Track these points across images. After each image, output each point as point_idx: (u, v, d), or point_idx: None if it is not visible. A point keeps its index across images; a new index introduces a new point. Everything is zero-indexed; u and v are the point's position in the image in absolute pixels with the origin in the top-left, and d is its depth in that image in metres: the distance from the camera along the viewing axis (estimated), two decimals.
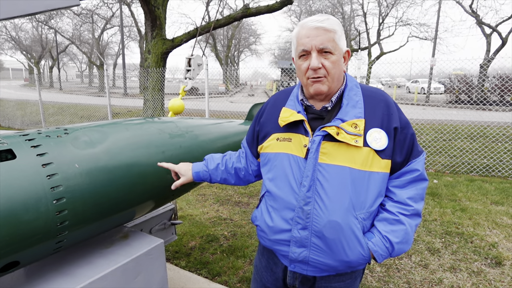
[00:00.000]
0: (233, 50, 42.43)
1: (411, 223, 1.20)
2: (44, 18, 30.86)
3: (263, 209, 1.32)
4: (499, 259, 3.03)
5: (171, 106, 2.93)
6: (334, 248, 1.17)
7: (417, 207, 1.20)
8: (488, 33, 18.82)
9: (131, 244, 1.76)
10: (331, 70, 1.17)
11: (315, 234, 1.17)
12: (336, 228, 1.15)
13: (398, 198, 1.20)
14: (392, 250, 1.19)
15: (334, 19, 1.17)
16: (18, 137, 1.37)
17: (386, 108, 1.20)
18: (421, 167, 1.21)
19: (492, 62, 12.26)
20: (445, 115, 12.10)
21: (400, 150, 1.19)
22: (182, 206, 4.44)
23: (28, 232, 1.22)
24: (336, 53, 1.16)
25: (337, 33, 1.16)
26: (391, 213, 1.19)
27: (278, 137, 1.27)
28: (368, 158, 1.14)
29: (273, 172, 1.27)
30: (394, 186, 1.22)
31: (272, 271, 1.38)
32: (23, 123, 12.64)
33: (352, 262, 1.19)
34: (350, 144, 1.14)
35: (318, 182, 1.16)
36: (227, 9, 28.98)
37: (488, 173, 5.88)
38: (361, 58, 7.36)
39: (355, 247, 1.17)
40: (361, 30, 27.71)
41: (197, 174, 1.53)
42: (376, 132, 1.16)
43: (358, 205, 1.16)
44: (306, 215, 1.17)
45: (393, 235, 1.18)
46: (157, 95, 8.10)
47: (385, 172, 1.18)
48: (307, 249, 1.20)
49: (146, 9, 7.74)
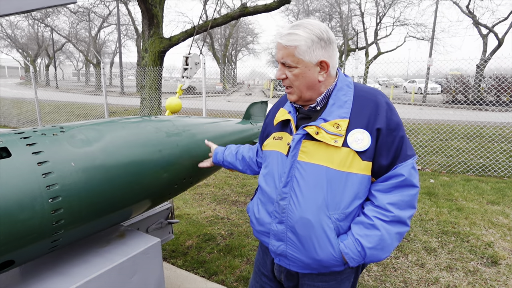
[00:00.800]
0: (231, 49, 42.39)
1: (389, 230, 1.15)
2: (41, 16, 30.64)
3: (254, 201, 1.41)
4: (495, 259, 3.04)
5: (168, 105, 2.92)
6: (306, 245, 1.19)
7: (399, 214, 1.15)
8: (485, 33, 18.93)
9: (127, 243, 1.75)
10: (293, 82, 1.20)
11: (290, 229, 1.22)
12: (307, 225, 1.17)
13: (379, 203, 1.17)
14: (365, 255, 1.15)
15: (299, 33, 1.14)
16: (13, 135, 1.36)
17: (374, 109, 1.17)
18: (407, 172, 1.16)
19: (489, 62, 12.32)
20: (441, 115, 12.15)
21: (386, 153, 1.15)
22: (179, 205, 4.42)
23: (23, 231, 1.20)
24: (299, 66, 1.17)
25: (299, 48, 1.14)
26: (368, 217, 1.17)
27: (274, 136, 1.36)
28: (347, 158, 1.14)
29: (266, 168, 1.35)
30: (377, 190, 1.19)
31: (265, 262, 1.45)
32: (19, 122, 12.57)
33: (323, 261, 1.18)
34: (329, 144, 1.15)
35: (294, 179, 1.20)
36: (224, 8, 28.93)
37: (484, 173, 5.91)
38: (358, 57, 7.36)
39: (325, 246, 1.17)
40: (359, 29, 27.75)
41: (215, 155, 1.76)
42: (359, 133, 1.14)
43: (333, 205, 1.16)
44: (282, 209, 1.23)
45: (366, 239, 1.14)
46: (154, 94, 8.07)
47: (365, 174, 1.16)
48: (284, 243, 1.24)
49: (143, 8, 7.71)
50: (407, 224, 1.18)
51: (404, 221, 1.17)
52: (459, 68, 7.96)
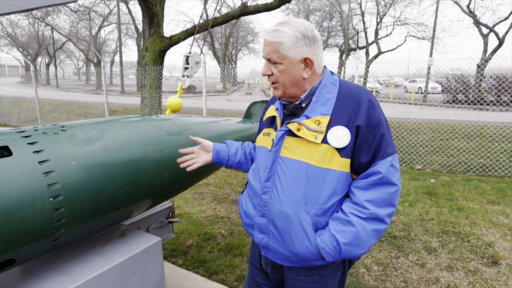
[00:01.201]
0: (231, 49, 42.37)
1: (365, 227, 1.15)
2: (41, 14, 30.64)
3: (244, 194, 1.44)
4: (496, 258, 3.04)
5: (169, 104, 2.92)
6: (285, 238, 1.23)
7: (376, 212, 1.15)
8: (485, 33, 18.90)
9: (128, 242, 1.75)
10: (278, 78, 1.23)
11: (271, 222, 1.26)
12: (286, 219, 1.21)
13: (356, 200, 1.18)
14: (340, 250, 1.17)
15: (284, 29, 1.17)
16: (14, 134, 1.36)
17: (356, 106, 1.18)
18: (385, 170, 1.16)
19: (489, 62, 12.31)
20: (442, 114, 12.14)
21: (366, 150, 1.16)
22: (179, 204, 4.42)
23: (24, 230, 1.20)
24: (284, 62, 1.20)
25: (284, 44, 1.17)
26: (344, 213, 1.18)
27: (264, 132, 1.40)
28: (327, 155, 1.16)
29: (255, 163, 1.40)
30: (355, 187, 1.20)
31: (255, 254, 1.49)
32: (19, 120, 12.57)
33: (301, 254, 1.22)
34: (310, 141, 1.18)
35: (276, 174, 1.25)
36: (225, 7, 28.91)
37: (484, 173, 5.91)
38: (359, 57, 7.36)
39: (303, 240, 1.20)
40: (359, 29, 27.74)
41: (217, 153, 1.56)
42: (338, 130, 1.16)
43: (311, 200, 1.19)
44: (264, 203, 1.27)
45: (341, 235, 1.16)
46: (154, 93, 8.06)
47: (343, 171, 1.18)
48: (267, 236, 1.28)
49: (144, 7, 7.70)
50: (385, 222, 1.18)
51: (382, 219, 1.17)
52: (460, 67, 7.96)
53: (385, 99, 20.48)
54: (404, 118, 9.79)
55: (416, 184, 5.28)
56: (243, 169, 1.61)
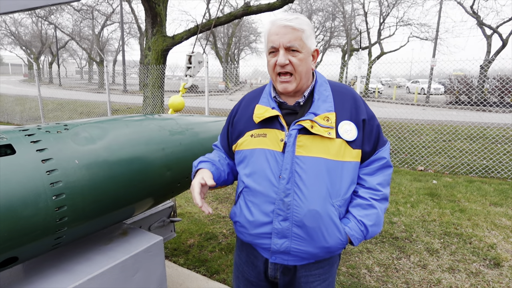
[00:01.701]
0: (233, 48, 42.35)
1: (381, 207, 1.29)
2: (44, 13, 30.73)
3: (242, 205, 1.32)
4: (498, 260, 3.03)
5: (171, 103, 2.92)
6: (314, 235, 1.22)
7: (385, 192, 1.30)
8: (489, 34, 18.82)
9: (130, 241, 1.75)
10: (297, 67, 1.21)
11: (296, 224, 1.22)
12: (316, 216, 1.21)
13: (369, 185, 1.29)
14: (367, 232, 1.27)
15: (304, 18, 1.22)
16: (17, 132, 1.36)
17: (353, 102, 1.28)
18: (387, 155, 1.31)
19: (493, 63, 12.26)
20: (445, 115, 12.11)
21: (368, 140, 1.27)
22: (181, 203, 4.43)
23: (27, 228, 1.21)
24: (303, 51, 1.21)
25: (305, 32, 1.20)
26: (364, 199, 1.28)
27: (253, 134, 1.30)
28: (341, 148, 1.22)
29: (250, 167, 1.29)
30: (364, 174, 1.30)
31: (253, 265, 1.40)
32: (22, 119, 12.61)
33: (332, 247, 1.25)
34: (323, 136, 1.21)
35: (296, 174, 1.21)
36: (228, 7, 28.90)
37: (487, 174, 5.89)
38: (361, 57, 7.35)
39: (333, 233, 1.23)
40: (362, 29, 27.70)
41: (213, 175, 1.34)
42: (346, 124, 1.24)
43: (334, 193, 1.23)
44: (286, 206, 1.22)
45: (367, 218, 1.26)
46: (157, 92, 8.08)
47: (357, 161, 1.27)
48: (288, 239, 1.24)
49: (147, 6, 7.71)
50: (388, 200, 1.34)
51: (388, 198, 1.33)
52: (463, 68, 7.94)
53: (388, 100, 20.44)
54: (406, 119, 9.77)
55: (418, 185, 5.26)
56: (228, 183, 1.47)
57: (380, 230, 1.35)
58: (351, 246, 3.25)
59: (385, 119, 9.92)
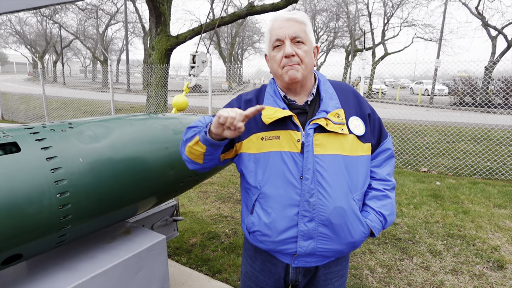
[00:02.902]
0: (237, 48, 42.37)
1: (393, 196, 1.35)
2: (49, 12, 30.89)
3: (260, 213, 1.26)
4: (501, 263, 3.01)
5: (175, 102, 2.92)
6: (341, 232, 1.23)
7: (393, 181, 1.37)
8: (494, 35, 18.70)
9: (133, 239, 1.76)
10: (304, 58, 1.22)
11: (322, 223, 1.21)
12: (341, 213, 1.22)
13: (380, 176, 1.33)
14: (385, 222, 1.31)
15: (304, 14, 1.26)
16: (23, 130, 1.37)
17: (356, 98, 1.33)
18: (391, 146, 1.38)
19: (497, 64, 12.19)
20: (449, 117, 12.05)
21: (372, 134, 1.32)
22: (184, 202, 4.44)
23: (31, 225, 1.22)
24: (307, 44, 1.24)
25: (307, 26, 1.25)
26: (379, 190, 1.32)
27: (263, 136, 1.23)
28: (353, 144, 1.25)
29: (267, 173, 1.23)
30: (373, 166, 1.35)
31: (270, 273, 1.37)
32: (26, 117, 12.68)
33: (357, 241, 1.27)
34: (338, 133, 1.22)
35: (318, 173, 1.20)
36: (231, 6, 28.92)
37: (491, 176, 5.85)
38: (365, 58, 7.32)
39: (357, 227, 1.25)
40: (366, 30, 27.60)
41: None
42: (355, 120, 1.27)
43: (353, 188, 1.25)
44: (312, 207, 1.20)
45: (384, 209, 1.30)
46: (160, 92, 8.09)
47: (368, 154, 1.31)
48: (314, 240, 1.23)
49: (151, 5, 7.73)
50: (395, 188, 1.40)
51: (395, 186, 1.38)
52: (467, 69, 7.92)
53: (391, 101, 20.37)
54: (410, 120, 9.73)
55: (421, 186, 5.24)
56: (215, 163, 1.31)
57: (395, 218, 1.39)
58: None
59: (388, 120, 9.89)
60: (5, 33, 38.54)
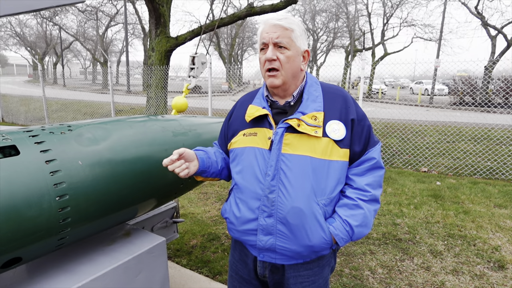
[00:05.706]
0: (237, 49, 42.40)
1: (369, 208, 1.28)
2: (49, 14, 30.93)
3: (231, 201, 1.37)
4: (502, 263, 3.01)
5: (175, 104, 2.92)
6: (298, 233, 1.23)
7: (375, 193, 1.30)
8: (494, 35, 18.71)
9: (133, 241, 1.76)
10: (284, 64, 1.25)
11: (280, 221, 1.24)
12: (299, 214, 1.22)
13: (357, 185, 1.29)
14: (352, 233, 1.26)
15: (294, 19, 1.28)
16: (22, 133, 1.37)
17: (343, 102, 1.31)
18: (378, 156, 1.32)
19: (497, 64, 12.19)
20: (449, 116, 12.05)
21: (358, 140, 1.29)
22: (184, 204, 4.44)
23: (31, 229, 1.21)
24: (291, 49, 1.25)
25: (294, 32, 1.25)
26: (351, 199, 1.28)
27: (245, 133, 1.35)
28: (328, 147, 1.24)
29: (240, 165, 1.33)
30: (353, 174, 1.31)
31: (245, 263, 1.42)
32: (26, 119, 12.69)
33: (315, 246, 1.25)
34: (310, 135, 1.23)
35: (281, 171, 1.23)
36: (231, 7, 28.96)
37: (491, 176, 5.85)
38: (365, 58, 7.32)
39: (317, 231, 1.24)
40: (366, 30, 27.60)
41: (202, 161, 1.42)
42: (335, 124, 1.26)
43: (319, 191, 1.24)
44: (271, 203, 1.24)
45: (353, 219, 1.25)
46: (160, 93, 8.09)
47: (344, 160, 1.28)
48: (273, 237, 1.26)
49: (151, 7, 7.74)
50: (379, 202, 1.33)
51: (378, 199, 1.32)
52: (467, 69, 7.92)
53: (391, 101, 20.37)
54: (410, 120, 9.73)
55: (421, 186, 5.24)
56: (223, 177, 1.51)
57: (368, 232, 1.30)
58: (353, 247, 3.26)
59: (388, 120, 9.89)
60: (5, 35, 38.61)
